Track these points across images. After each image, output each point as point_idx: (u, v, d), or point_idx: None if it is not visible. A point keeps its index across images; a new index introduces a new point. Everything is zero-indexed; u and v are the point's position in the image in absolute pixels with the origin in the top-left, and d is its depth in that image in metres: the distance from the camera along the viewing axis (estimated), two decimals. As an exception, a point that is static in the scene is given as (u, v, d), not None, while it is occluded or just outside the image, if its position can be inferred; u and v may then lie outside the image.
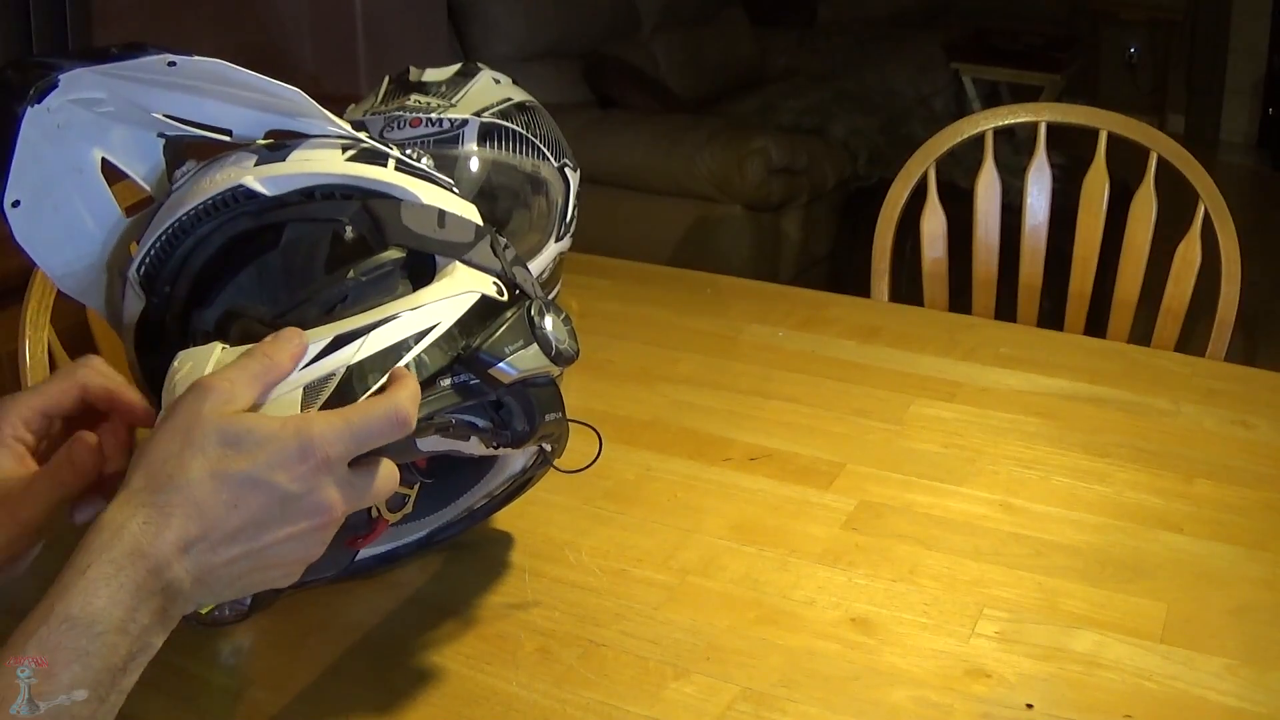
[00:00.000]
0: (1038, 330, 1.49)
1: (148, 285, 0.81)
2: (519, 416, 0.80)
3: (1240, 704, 0.84)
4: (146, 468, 0.66)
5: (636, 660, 0.89)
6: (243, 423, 0.66)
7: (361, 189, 0.81)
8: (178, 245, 0.81)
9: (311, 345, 0.72)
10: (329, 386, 0.71)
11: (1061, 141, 1.79)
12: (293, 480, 0.66)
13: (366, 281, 0.77)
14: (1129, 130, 1.62)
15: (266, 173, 0.80)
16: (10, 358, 1.40)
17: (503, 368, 0.77)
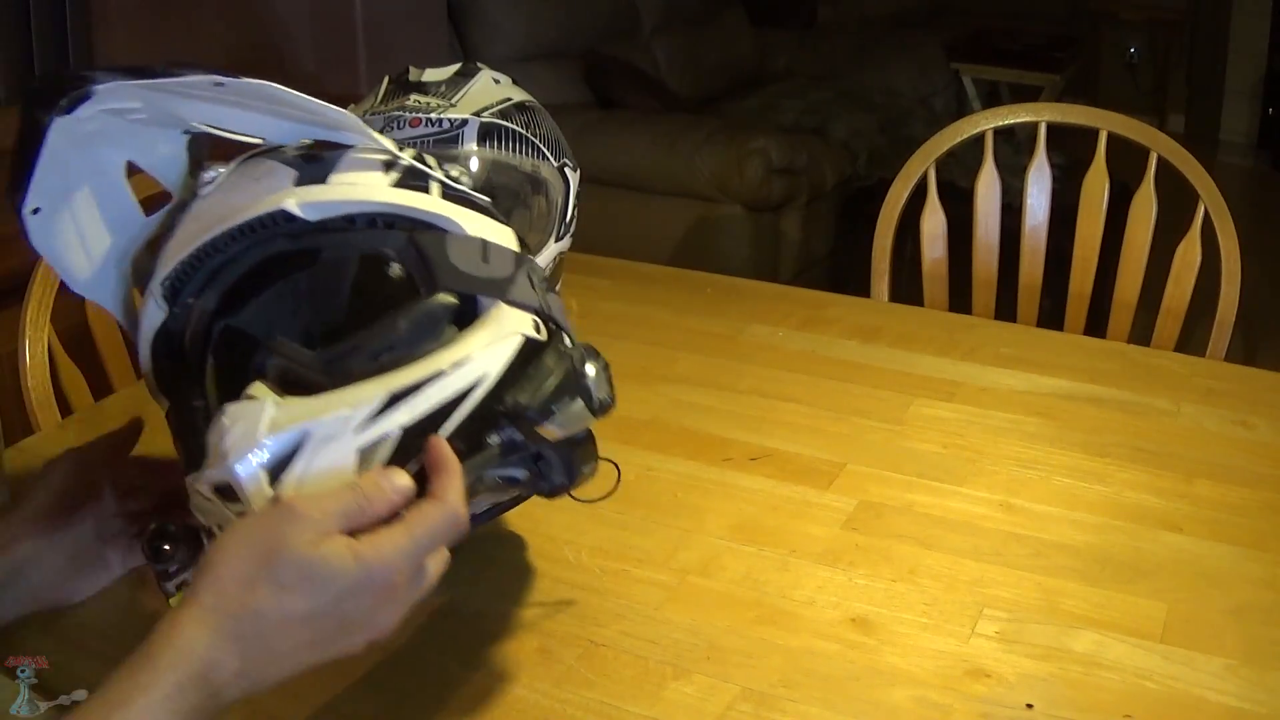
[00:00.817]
0: (1038, 330, 1.49)
1: (170, 296, 0.79)
2: (558, 469, 0.78)
3: (1240, 704, 0.84)
4: (217, 584, 0.66)
5: (636, 660, 0.89)
6: (324, 560, 0.66)
7: (407, 219, 0.78)
8: (206, 260, 0.78)
9: (365, 403, 0.70)
10: (381, 450, 0.70)
11: (1061, 141, 1.79)
12: (360, 608, 0.67)
13: (417, 328, 0.75)
14: (1129, 130, 1.62)
15: (308, 197, 0.77)
16: (10, 358, 1.40)
17: (549, 426, 0.76)
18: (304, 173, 0.78)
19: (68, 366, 1.40)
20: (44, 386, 1.36)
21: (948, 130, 1.69)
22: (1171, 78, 5.13)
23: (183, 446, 0.76)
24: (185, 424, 0.77)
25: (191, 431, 0.75)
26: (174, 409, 0.79)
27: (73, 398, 1.40)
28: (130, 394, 1.38)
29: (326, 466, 0.69)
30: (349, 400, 0.70)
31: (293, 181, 0.77)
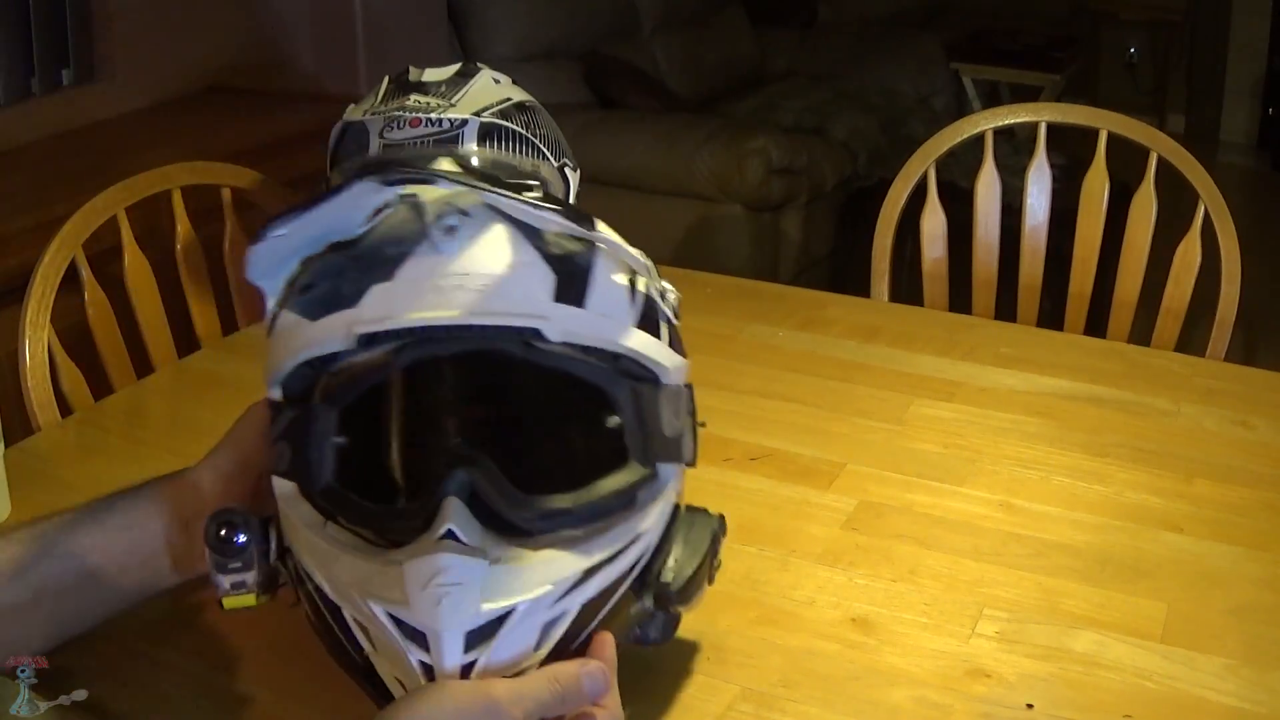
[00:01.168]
0: (1038, 330, 1.49)
1: (364, 342, 0.72)
2: (658, 629, 0.78)
3: (1240, 704, 0.84)
4: None
5: (636, 660, 0.89)
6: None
7: (630, 357, 0.74)
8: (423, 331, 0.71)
9: (565, 580, 0.69)
10: (558, 629, 0.70)
11: (1061, 141, 1.79)
12: None
13: (617, 500, 0.73)
14: (1129, 130, 1.62)
15: (565, 323, 0.72)
16: (10, 358, 1.40)
17: (680, 608, 0.77)
18: (562, 282, 0.72)
19: (68, 366, 1.40)
20: (44, 386, 1.36)
21: (948, 130, 1.69)
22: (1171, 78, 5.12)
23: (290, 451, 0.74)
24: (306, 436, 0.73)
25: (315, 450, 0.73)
26: (297, 415, 0.74)
27: (73, 398, 1.40)
28: (130, 394, 1.38)
29: (516, 643, 0.68)
30: (553, 576, 0.69)
31: (550, 293, 0.72)
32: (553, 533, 0.71)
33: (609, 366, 0.74)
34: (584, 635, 0.72)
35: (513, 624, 0.67)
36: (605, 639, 0.71)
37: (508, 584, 0.68)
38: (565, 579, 0.69)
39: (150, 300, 1.52)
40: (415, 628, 0.67)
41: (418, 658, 0.67)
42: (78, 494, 1.12)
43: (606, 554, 0.71)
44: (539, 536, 0.70)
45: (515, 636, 0.68)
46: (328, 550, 0.72)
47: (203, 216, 1.61)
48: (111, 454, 1.24)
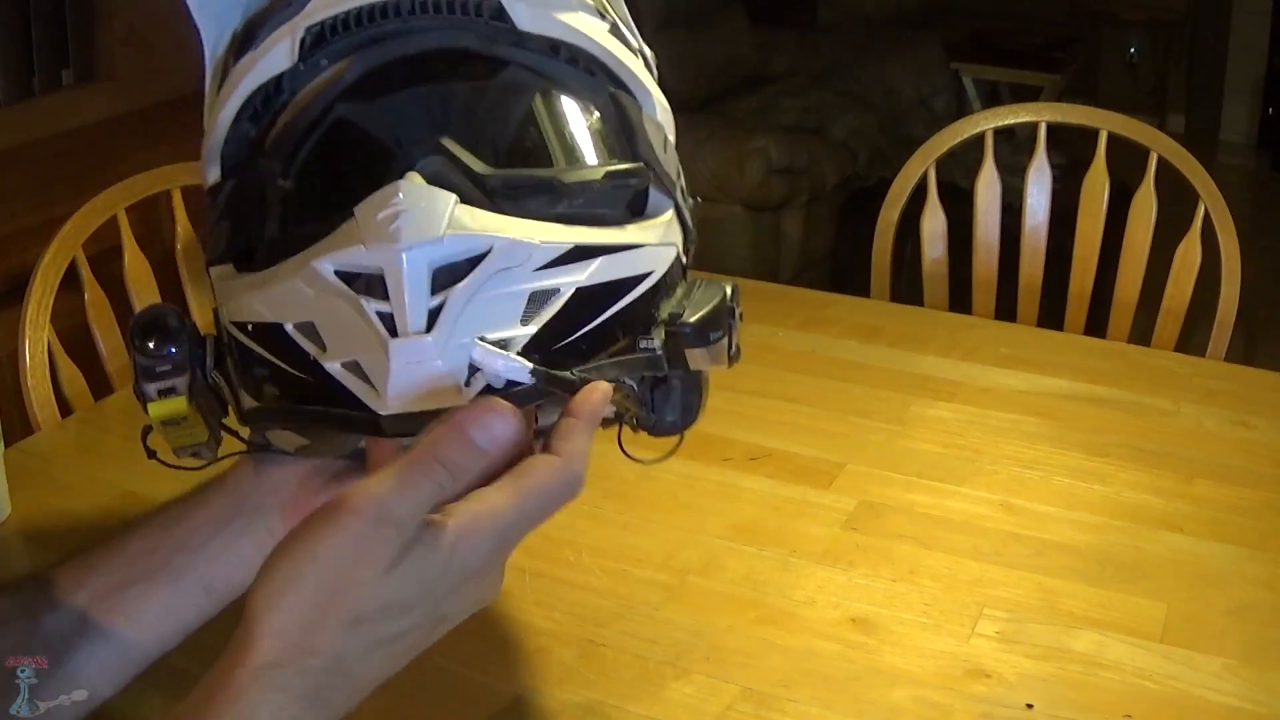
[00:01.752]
0: (1038, 330, 1.49)
1: (305, 48, 0.63)
2: (674, 407, 0.69)
3: (1240, 704, 0.84)
4: (281, 635, 0.53)
5: (636, 660, 0.89)
6: (408, 567, 0.53)
7: (612, 74, 0.66)
8: (371, 24, 0.63)
9: (545, 244, 0.58)
10: (552, 306, 0.58)
11: (1061, 141, 1.79)
12: (461, 598, 0.57)
13: (609, 189, 0.63)
14: (1129, 130, 1.62)
15: (530, 1, 0.63)
16: (10, 358, 1.40)
17: (700, 354, 0.66)
18: None
19: (68, 366, 1.40)
20: (44, 386, 1.37)
21: (948, 130, 1.69)
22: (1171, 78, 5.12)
23: (230, 226, 0.64)
24: (247, 201, 0.63)
25: (256, 210, 0.62)
26: (238, 182, 0.64)
27: (73, 398, 1.40)
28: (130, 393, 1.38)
29: (495, 297, 0.56)
30: (536, 233, 0.58)
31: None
32: (533, 210, 0.60)
33: (583, 72, 0.65)
34: (580, 337, 0.60)
35: (489, 268, 0.56)
36: (591, 389, 0.59)
37: (480, 221, 0.57)
38: (550, 242, 0.58)
39: (150, 300, 1.52)
40: (369, 274, 0.56)
41: (375, 308, 0.55)
42: (78, 494, 1.13)
43: (603, 242, 0.60)
44: (505, 206, 0.59)
45: (494, 291, 0.56)
46: (266, 273, 0.60)
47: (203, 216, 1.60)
48: (111, 454, 1.24)
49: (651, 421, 0.69)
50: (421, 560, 0.53)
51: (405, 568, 0.53)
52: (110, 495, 1.12)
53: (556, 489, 0.56)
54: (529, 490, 0.55)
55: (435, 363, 0.55)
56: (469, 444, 0.54)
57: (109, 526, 1.08)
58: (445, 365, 0.55)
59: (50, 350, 1.38)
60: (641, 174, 0.64)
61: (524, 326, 0.57)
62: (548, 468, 0.56)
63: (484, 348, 0.56)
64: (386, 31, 0.63)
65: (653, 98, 0.68)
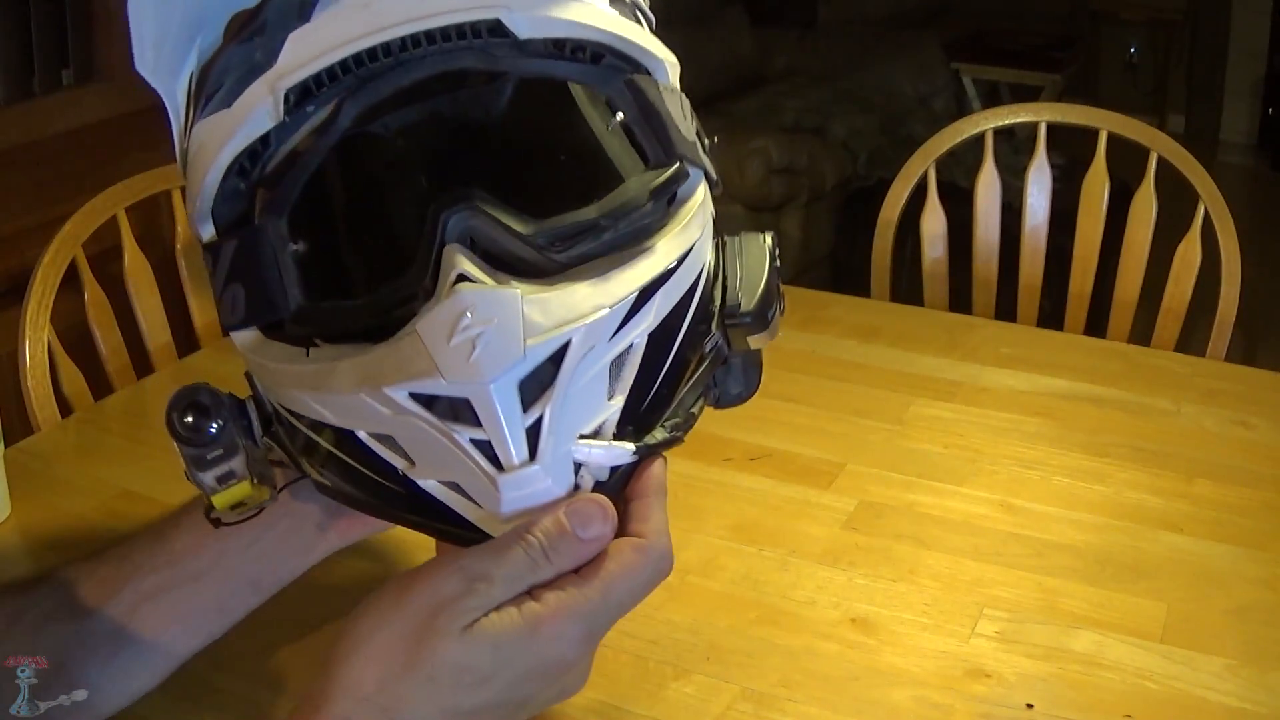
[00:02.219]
0: (1038, 330, 1.49)
1: (290, 104, 0.58)
2: (736, 380, 0.66)
3: (1240, 704, 0.84)
4: (354, 690, 0.52)
5: (636, 660, 0.89)
6: (486, 637, 0.52)
7: (621, 54, 0.61)
8: (360, 68, 0.58)
9: (621, 302, 0.55)
10: (631, 365, 0.56)
11: (1061, 141, 1.79)
12: (545, 686, 0.54)
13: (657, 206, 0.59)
14: (1129, 130, 1.62)
15: (526, 5, 0.58)
16: (10, 358, 1.40)
17: (762, 336, 0.63)
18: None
19: (68, 366, 1.40)
20: (44, 386, 1.37)
21: (948, 130, 1.69)
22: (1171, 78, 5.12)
23: (245, 292, 0.59)
24: (258, 265, 0.59)
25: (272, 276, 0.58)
26: (240, 243, 0.60)
27: (73, 398, 1.40)
28: (130, 394, 1.38)
29: (582, 388, 0.54)
30: (605, 297, 0.55)
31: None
32: (582, 254, 0.56)
33: (589, 64, 0.61)
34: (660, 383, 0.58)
35: (572, 361, 0.53)
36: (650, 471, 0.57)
37: (551, 313, 0.53)
38: (619, 300, 0.55)
39: (150, 300, 1.52)
40: (453, 399, 0.52)
41: (468, 437, 0.53)
42: (78, 494, 1.13)
43: (658, 269, 0.57)
44: (568, 263, 0.56)
45: (580, 380, 0.54)
46: (317, 370, 0.57)
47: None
48: (111, 454, 1.24)
49: (715, 396, 0.66)
50: (505, 630, 0.52)
51: (488, 632, 0.52)
52: (110, 495, 1.12)
53: (645, 573, 0.55)
54: (617, 577, 0.54)
55: (546, 483, 0.54)
56: (565, 529, 0.54)
57: (109, 526, 1.08)
58: (555, 483, 0.54)
59: (50, 350, 1.38)
60: (680, 175, 0.60)
61: (611, 401, 0.56)
62: (635, 552, 0.55)
63: (586, 447, 0.55)
64: (375, 72, 0.58)
65: (663, 64, 0.63)
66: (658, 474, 0.57)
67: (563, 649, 0.53)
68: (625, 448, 0.56)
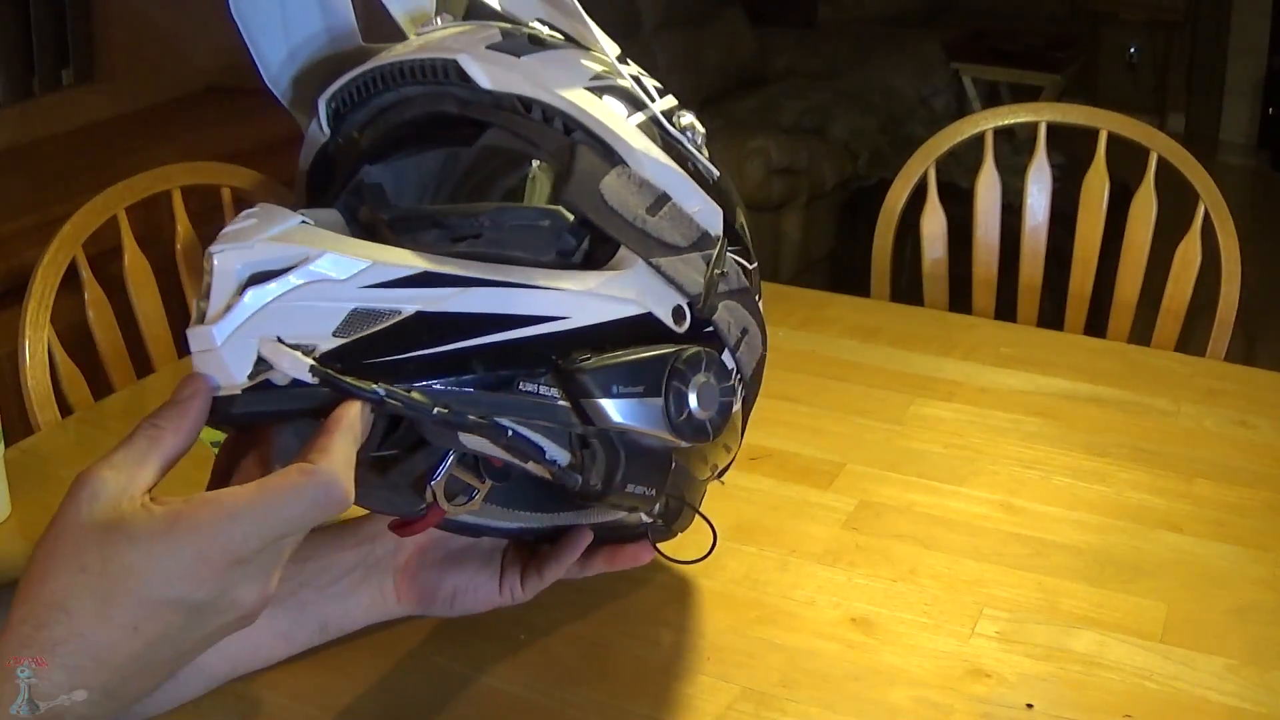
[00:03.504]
0: (1038, 330, 1.49)
1: (334, 121, 0.73)
2: (596, 470, 0.67)
3: (1241, 704, 0.84)
4: (26, 594, 0.55)
5: (636, 660, 0.89)
6: (121, 527, 0.54)
7: (583, 126, 0.67)
8: (376, 94, 0.71)
9: (391, 265, 0.60)
10: (377, 324, 0.60)
11: (1061, 141, 1.79)
12: (197, 587, 0.55)
13: (509, 226, 0.63)
14: (1129, 130, 1.62)
15: (492, 61, 0.68)
16: (10, 358, 1.40)
17: (600, 405, 0.62)
18: (505, 42, 0.70)
19: (68, 366, 1.40)
20: (44, 386, 1.37)
21: (948, 130, 1.69)
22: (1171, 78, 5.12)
23: None
24: None
25: None
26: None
27: (73, 398, 1.40)
28: (130, 394, 1.38)
29: (307, 307, 0.59)
30: (376, 255, 0.60)
31: (485, 45, 0.69)
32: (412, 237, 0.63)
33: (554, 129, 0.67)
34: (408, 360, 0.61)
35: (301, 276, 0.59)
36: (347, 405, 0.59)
37: (312, 238, 0.60)
38: (391, 263, 0.60)
39: (150, 300, 1.52)
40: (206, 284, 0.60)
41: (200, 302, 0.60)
42: (78, 494, 1.13)
43: (464, 273, 0.61)
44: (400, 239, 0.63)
45: (306, 302, 0.59)
46: None
47: (203, 216, 1.61)
48: (111, 454, 1.24)
49: (574, 482, 0.67)
50: (140, 524, 0.54)
51: (123, 525, 0.54)
52: (110, 495, 1.12)
53: (307, 494, 0.56)
54: (273, 488, 0.56)
55: (214, 349, 0.58)
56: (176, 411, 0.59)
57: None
58: (227, 355, 0.58)
59: (50, 350, 1.38)
60: (555, 216, 0.64)
61: (335, 339, 0.60)
62: (299, 473, 0.56)
63: (271, 344, 0.59)
64: (387, 101, 0.72)
65: (640, 155, 0.68)
66: (350, 414, 0.59)
67: (202, 547, 0.54)
68: (305, 361, 0.59)
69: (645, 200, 0.67)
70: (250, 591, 0.57)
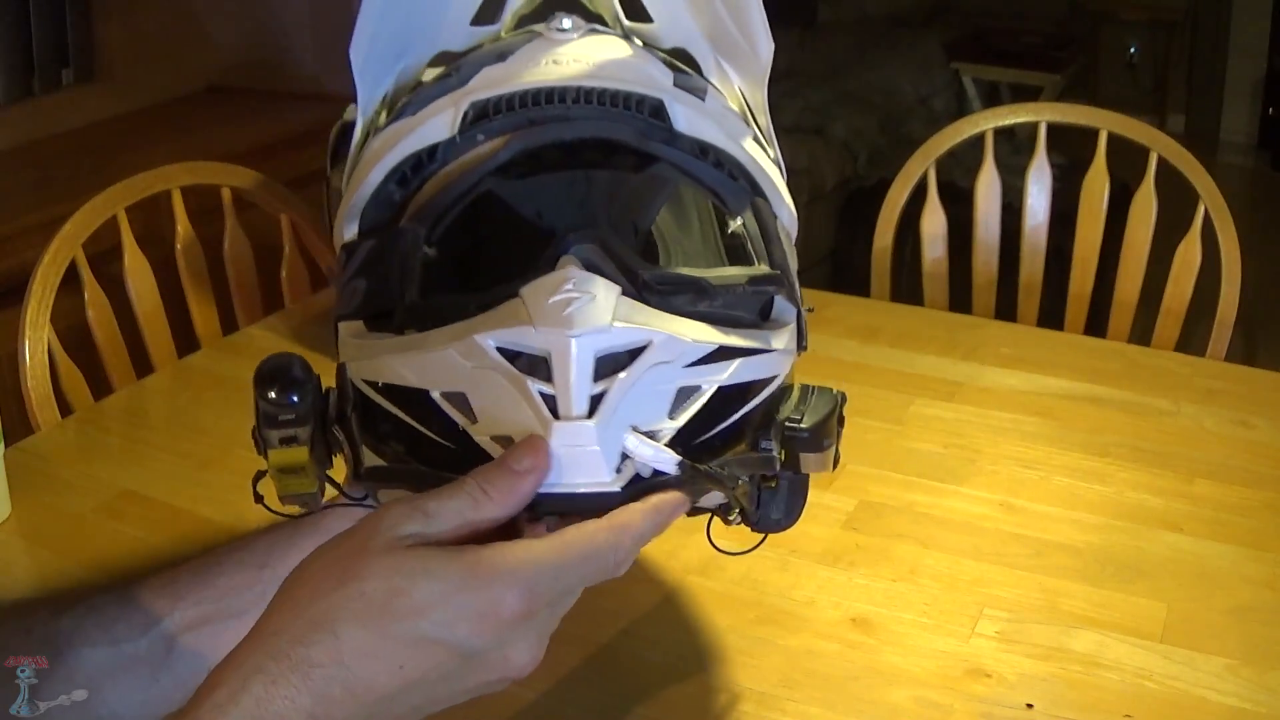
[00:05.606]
0: (1038, 330, 1.50)
1: (466, 122, 0.65)
2: (779, 505, 0.69)
3: (1240, 704, 0.84)
4: (291, 605, 0.52)
5: (637, 660, 0.89)
6: (420, 559, 0.52)
7: (753, 181, 0.69)
8: (534, 106, 0.65)
9: (696, 343, 0.60)
10: (696, 402, 0.60)
11: (1061, 141, 1.79)
12: (480, 634, 0.52)
13: (750, 294, 0.65)
14: (1129, 130, 1.62)
15: (687, 104, 0.66)
16: (10, 358, 1.40)
17: (812, 458, 0.67)
18: (680, 80, 0.68)
19: (68, 366, 1.40)
20: (44, 386, 1.37)
21: (948, 130, 1.69)
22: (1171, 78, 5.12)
23: (367, 285, 0.65)
24: (387, 263, 0.64)
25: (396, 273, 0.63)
26: (378, 243, 0.66)
27: (73, 398, 1.40)
28: (130, 394, 1.38)
29: (650, 391, 0.58)
30: (689, 331, 0.60)
31: (671, 82, 0.67)
32: (678, 307, 0.61)
33: (727, 177, 0.67)
34: (715, 434, 0.62)
35: (647, 361, 0.58)
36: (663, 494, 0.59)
37: (641, 316, 0.58)
38: (700, 343, 0.60)
39: (150, 300, 1.52)
40: (534, 355, 0.57)
41: (538, 389, 0.57)
42: (78, 494, 1.13)
43: (743, 343, 0.62)
44: (665, 308, 0.61)
45: (648, 384, 0.58)
46: (411, 338, 0.61)
47: (203, 216, 1.61)
48: (111, 454, 1.24)
49: (756, 518, 0.70)
50: (441, 560, 0.52)
51: (422, 555, 0.52)
52: (110, 495, 1.12)
53: (603, 554, 0.55)
54: (573, 544, 0.54)
55: (593, 447, 0.57)
56: (501, 464, 0.56)
57: (109, 526, 1.08)
58: (602, 451, 0.57)
59: (50, 350, 1.38)
60: (778, 281, 0.66)
61: (671, 420, 0.59)
62: (596, 529, 0.55)
63: (638, 438, 0.58)
64: (546, 115, 0.65)
65: (787, 208, 0.70)
66: (670, 500, 0.59)
67: (499, 594, 0.52)
68: (671, 455, 0.59)
69: (789, 247, 0.70)
70: (523, 652, 0.54)
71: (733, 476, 0.63)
